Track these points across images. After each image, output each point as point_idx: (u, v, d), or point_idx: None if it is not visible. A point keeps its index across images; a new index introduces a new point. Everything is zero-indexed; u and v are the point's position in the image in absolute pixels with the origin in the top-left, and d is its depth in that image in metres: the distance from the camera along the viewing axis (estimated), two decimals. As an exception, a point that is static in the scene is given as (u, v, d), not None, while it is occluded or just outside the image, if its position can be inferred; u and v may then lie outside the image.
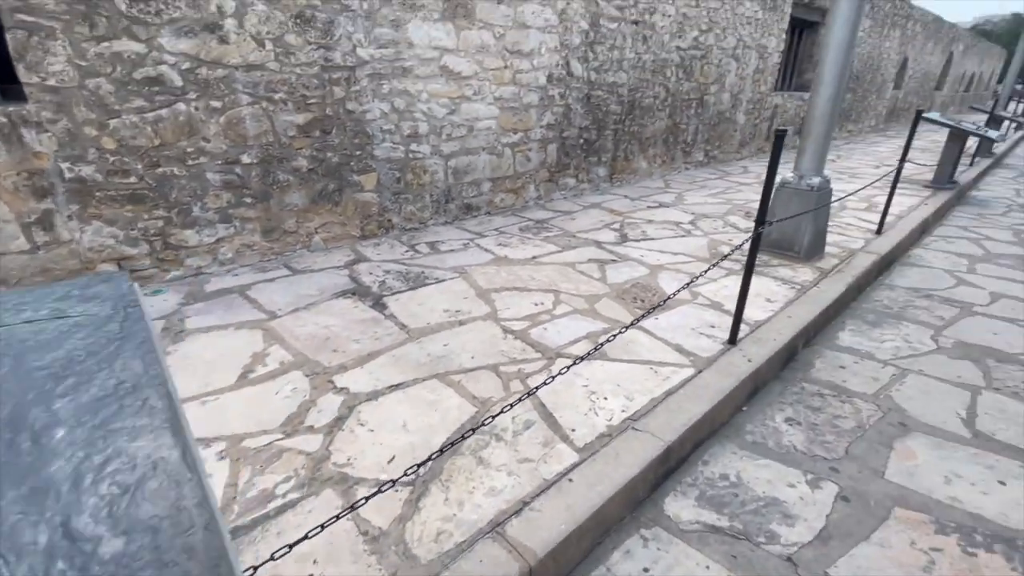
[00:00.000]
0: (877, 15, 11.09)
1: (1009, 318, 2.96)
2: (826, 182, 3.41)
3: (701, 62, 6.54)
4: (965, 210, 5.66)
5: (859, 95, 11.89)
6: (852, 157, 8.73)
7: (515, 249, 3.67)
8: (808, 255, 3.47)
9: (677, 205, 5.12)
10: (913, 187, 6.11)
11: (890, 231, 4.28)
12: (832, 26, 3.12)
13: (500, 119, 4.43)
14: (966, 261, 3.96)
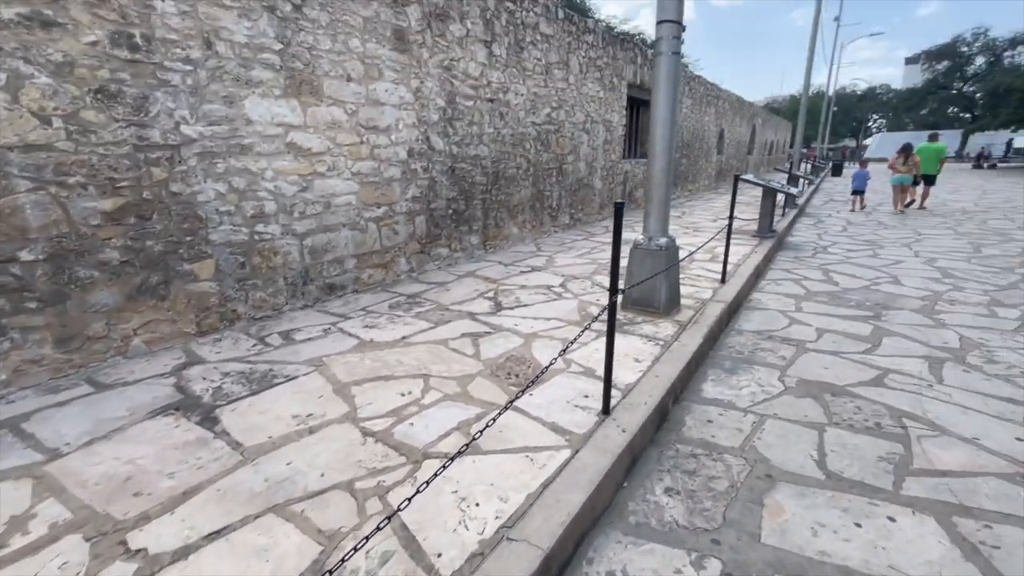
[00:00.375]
0: (695, 95, 13.17)
1: (833, 351, 3.34)
2: (672, 241, 3.70)
3: (556, 135, 7.08)
4: (785, 254, 6.60)
5: (692, 160, 13.80)
6: (694, 213, 9.93)
7: (383, 330, 3.40)
8: (667, 309, 3.67)
9: (548, 268, 5.26)
10: (744, 237, 7.02)
11: (732, 279, 4.77)
12: (656, 107, 3.49)
13: (361, 194, 4.25)
14: (793, 301, 4.51)
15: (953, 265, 5.74)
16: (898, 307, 4.27)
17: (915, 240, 7.42)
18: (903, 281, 5.09)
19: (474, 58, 5.29)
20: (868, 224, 9.17)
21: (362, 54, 4.07)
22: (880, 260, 6.11)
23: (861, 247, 6.97)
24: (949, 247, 6.83)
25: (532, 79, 6.32)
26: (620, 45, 8.57)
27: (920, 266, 5.74)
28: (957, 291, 4.70)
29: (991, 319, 3.91)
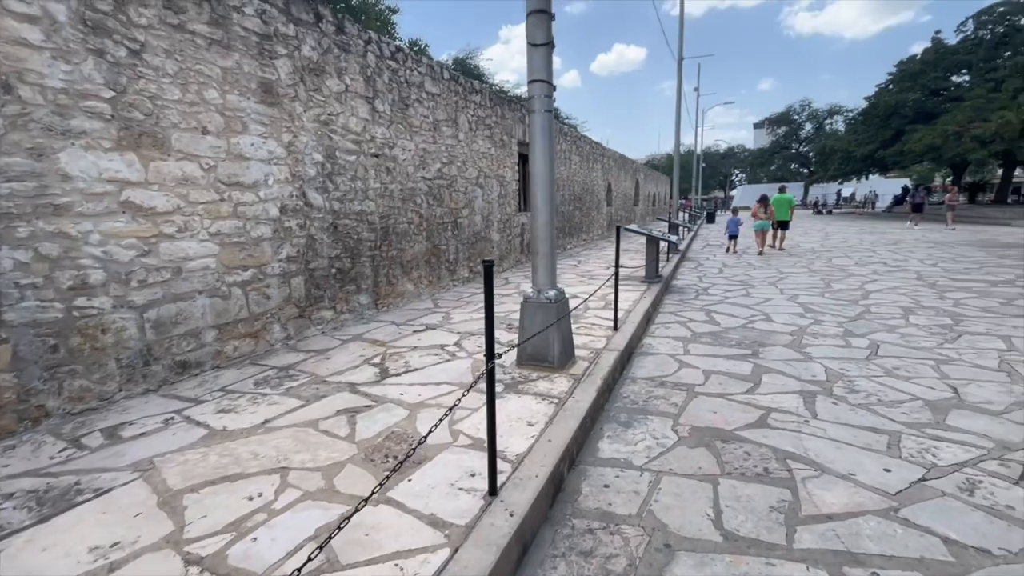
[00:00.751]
0: (583, 153, 14.11)
1: (720, 393, 3.41)
2: (561, 293, 3.65)
3: (449, 190, 7.04)
4: (671, 297, 6.97)
5: (585, 212, 14.59)
6: (589, 261, 10.34)
7: (241, 414, 2.89)
8: (561, 363, 3.57)
9: (444, 325, 5.01)
10: (634, 283, 7.34)
11: (624, 325, 4.85)
12: (534, 163, 3.51)
13: (222, 256, 3.77)
14: (681, 344, 4.66)
15: (812, 300, 6.39)
16: (772, 343, 4.57)
17: (779, 279, 8.26)
18: (773, 318, 5.52)
19: (355, 113, 5.12)
20: (740, 266, 10.13)
21: (222, 106, 3.71)
22: (752, 299, 6.65)
23: (736, 287, 7.59)
24: (806, 284, 7.66)
25: (420, 135, 6.28)
26: (508, 106, 8.95)
27: (786, 303, 6.32)
28: (817, 324, 5.17)
29: (847, 349, 4.29)
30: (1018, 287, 6.75)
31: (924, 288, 6.92)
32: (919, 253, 11.05)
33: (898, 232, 17.68)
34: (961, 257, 10.09)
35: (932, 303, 5.94)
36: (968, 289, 6.71)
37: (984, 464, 2.38)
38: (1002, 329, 4.69)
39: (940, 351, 4.12)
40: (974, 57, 26.84)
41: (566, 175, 12.64)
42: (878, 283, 7.46)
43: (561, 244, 12.41)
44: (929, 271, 8.44)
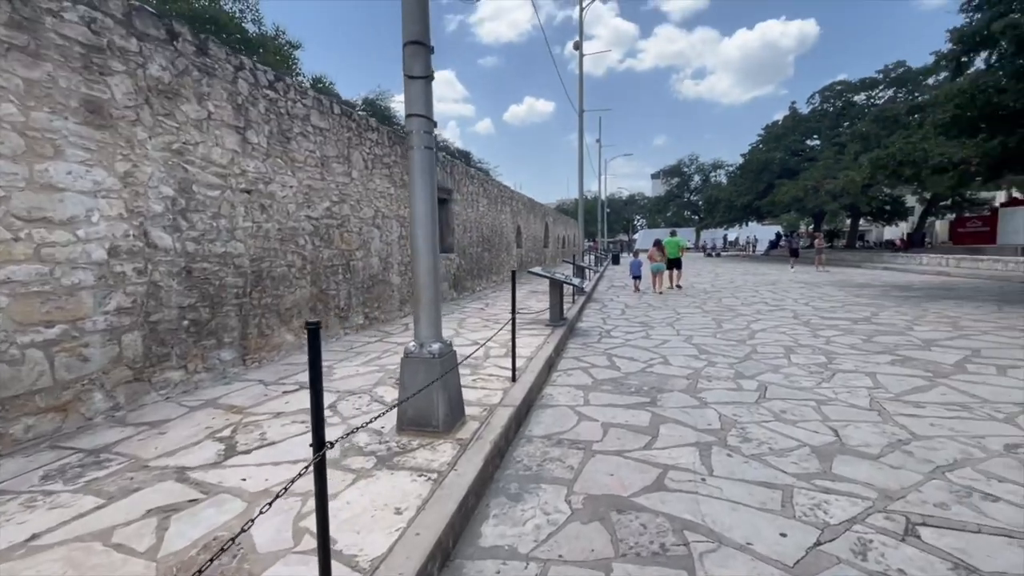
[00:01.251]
0: (491, 195, 14.17)
1: (618, 450, 3.18)
2: (447, 346, 3.28)
3: (340, 230, 6.51)
4: (576, 341, 6.88)
5: (494, 253, 14.53)
6: (496, 304, 10.12)
7: (1, 528, 2.13)
8: (447, 426, 3.16)
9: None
10: (538, 327, 7.18)
11: (524, 375, 4.56)
12: (414, 203, 3.20)
13: (12, 310, 2.96)
14: (582, 393, 4.46)
15: (705, 341, 6.59)
16: (669, 388, 4.50)
17: (676, 319, 8.55)
18: (671, 360, 5.55)
19: (221, 143, 4.53)
20: (641, 306, 10.45)
21: (23, 124, 3.01)
22: (652, 340, 6.73)
23: (637, 329, 7.70)
24: (700, 324, 7.98)
25: (304, 171, 5.76)
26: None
27: (682, 344, 6.45)
28: (711, 366, 5.25)
29: (738, 392, 4.32)
30: (874, 324, 7.50)
31: (800, 327, 7.45)
32: (793, 293, 12.18)
33: (775, 273, 19.63)
34: (827, 297, 11.23)
35: (808, 341, 6.35)
36: (835, 327, 7.32)
37: (872, 519, 2.31)
38: (867, 366, 5.03)
39: (819, 391, 4.27)
40: (822, 125, 31.59)
41: (474, 217, 12.54)
42: (762, 322, 7.96)
43: (470, 286, 12.14)
44: (802, 310, 9.21)
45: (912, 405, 3.83)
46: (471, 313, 8.82)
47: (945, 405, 3.82)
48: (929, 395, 4.07)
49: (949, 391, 4.16)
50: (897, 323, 7.50)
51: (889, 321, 7.69)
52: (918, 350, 5.67)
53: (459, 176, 11.35)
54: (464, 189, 11.73)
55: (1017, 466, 2.78)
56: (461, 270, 11.49)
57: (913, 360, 5.20)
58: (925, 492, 2.53)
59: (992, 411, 3.66)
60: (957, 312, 8.45)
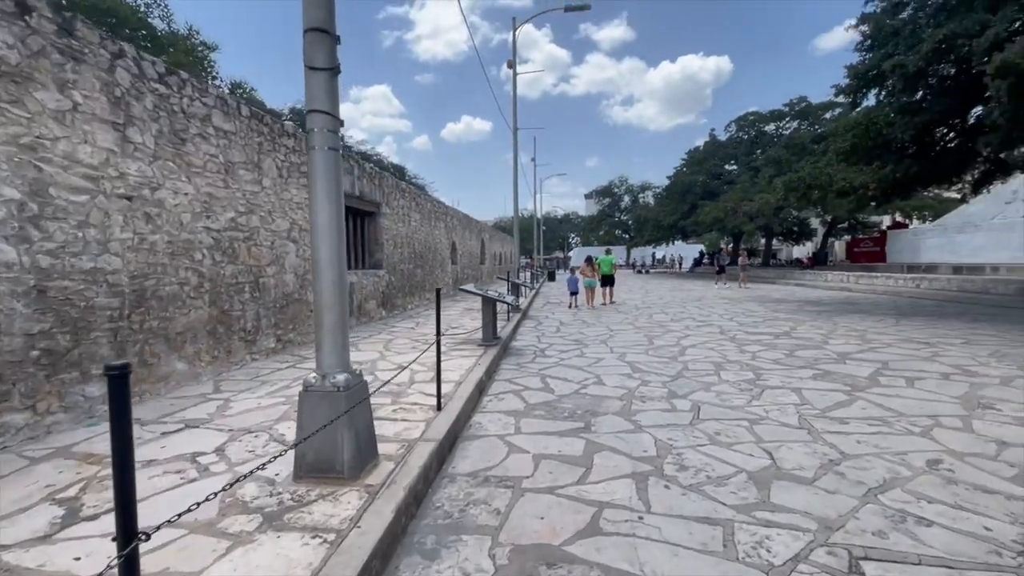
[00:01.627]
0: (424, 210, 13.73)
1: (549, 487, 2.89)
2: (355, 376, 2.86)
3: (248, 244, 5.85)
4: (509, 361, 6.58)
5: (428, 270, 14.05)
6: (429, 323, 9.65)
7: None
8: (355, 471, 2.72)
9: (214, 420, 3.79)
10: (470, 347, 6.82)
11: (451, 403, 4.18)
12: (316, 211, 2.78)
13: None
14: (513, 420, 4.15)
15: (638, 359, 6.52)
16: (604, 411, 4.30)
17: (609, 336, 8.51)
18: (605, 380, 5.38)
19: (91, 140, 3.86)
20: (575, 323, 10.39)
21: None
22: (586, 359, 6.58)
23: (571, 347, 7.55)
24: (633, 341, 7.97)
25: (204, 177, 5.12)
26: (332, 154, 8.13)
27: (615, 362, 6.34)
28: (644, 386, 5.14)
29: (673, 414, 4.20)
30: (793, 338, 7.83)
31: (727, 342, 7.62)
32: (718, 309, 12.66)
33: (700, 289, 20.55)
34: (749, 312, 11.75)
35: (735, 357, 6.46)
36: (759, 342, 7.56)
37: (815, 555, 2.15)
38: (792, 381, 5.12)
39: (751, 409, 4.24)
40: (738, 151, 34.02)
41: (405, 232, 12.04)
42: (691, 338, 8.08)
43: (401, 304, 11.57)
44: (728, 325, 9.52)
45: (837, 422, 3.86)
46: (400, 333, 8.30)
47: (867, 420, 3.88)
48: (851, 410, 4.14)
49: (868, 405, 4.26)
50: (814, 337, 7.87)
51: (807, 335, 8.07)
52: (835, 363, 5.89)
53: (389, 189, 10.86)
54: (394, 203, 11.23)
55: (941, 484, 2.78)
56: (391, 287, 10.92)
57: (832, 374, 5.37)
58: (863, 519, 2.43)
59: (909, 425, 3.75)
60: (863, 325, 9.05)
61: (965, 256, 19.80)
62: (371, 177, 9.80)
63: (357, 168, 9.13)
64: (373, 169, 9.98)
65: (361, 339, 7.61)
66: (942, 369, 5.49)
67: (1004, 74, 6.71)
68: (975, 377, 5.10)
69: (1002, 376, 5.11)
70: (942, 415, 3.95)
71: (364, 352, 6.59)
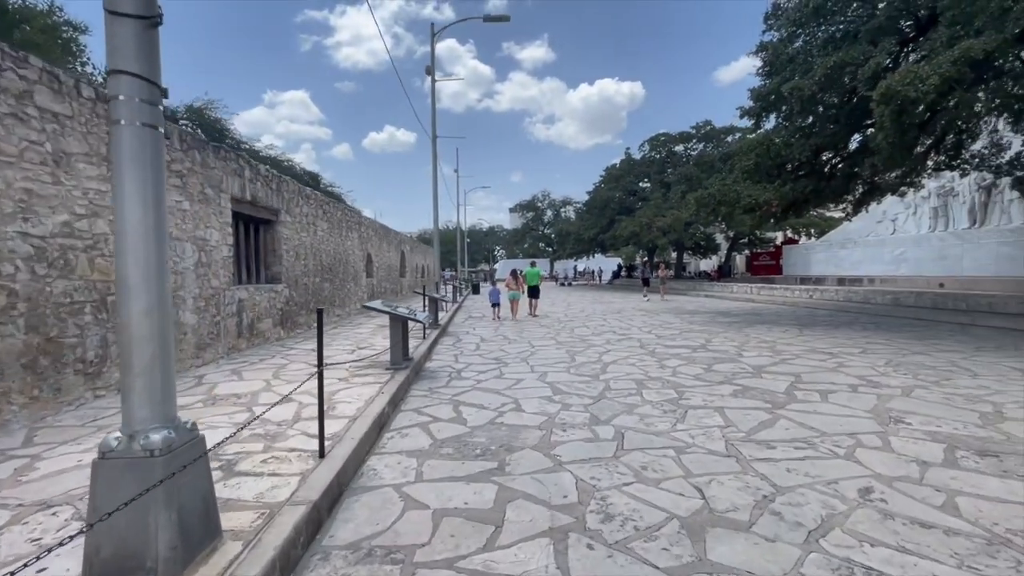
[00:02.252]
0: (332, 219, 12.68)
1: (449, 558, 2.31)
2: (185, 431, 2.12)
3: (90, 254, 4.76)
4: (421, 386, 5.93)
5: (338, 284, 12.96)
6: (336, 341, 8.71)
7: None
8: (175, 565, 1.97)
9: (2, 489, 2.81)
10: (377, 371, 6.08)
11: (339, 447, 3.48)
12: (123, 207, 2.02)
13: None
14: (415, 462, 3.53)
15: (559, 378, 6.14)
16: (520, 445, 3.81)
17: (531, 353, 8.10)
18: (524, 406, 4.91)
19: None
20: (496, 339, 9.91)
21: None
22: (505, 380, 6.08)
23: (491, 366, 7.03)
24: (554, 358, 7.61)
25: (19, 169, 4.03)
26: (214, 152, 7.08)
27: (536, 383, 5.90)
28: (566, 410, 4.72)
29: (595, 444, 3.79)
30: (710, 351, 7.87)
31: (647, 356, 7.49)
32: (637, 321, 12.78)
33: (620, 302, 21.01)
34: (666, 324, 11.94)
35: (656, 373, 6.27)
36: (678, 355, 7.50)
37: (766, 638, 1.76)
38: (714, 399, 4.95)
39: (676, 435, 3.94)
40: (651, 169, 35.80)
41: (310, 243, 10.97)
42: (612, 353, 7.88)
43: (305, 322, 10.46)
44: (647, 338, 9.50)
45: (764, 446, 3.64)
46: (298, 356, 7.33)
47: (792, 443, 3.70)
48: (775, 431, 3.97)
49: (791, 424, 4.13)
50: (728, 349, 7.97)
51: (722, 348, 8.17)
52: (752, 378, 5.86)
53: (290, 195, 9.80)
54: (297, 210, 10.17)
55: (879, 520, 2.55)
56: (292, 304, 9.81)
57: (751, 390, 5.29)
58: (808, 573, 2.11)
59: (833, 446, 3.61)
60: (771, 336, 9.40)
61: (847, 269, 21.94)
62: (267, 180, 8.74)
63: (249, 169, 8.07)
64: (270, 172, 8.92)
65: (248, 365, 6.58)
66: (849, 380, 5.62)
67: (887, 100, 7.32)
68: (879, 388, 5.23)
69: (902, 386, 5.29)
70: (861, 432, 3.87)
71: (247, 382, 5.62)
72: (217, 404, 4.72)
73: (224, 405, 4.65)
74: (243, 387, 5.36)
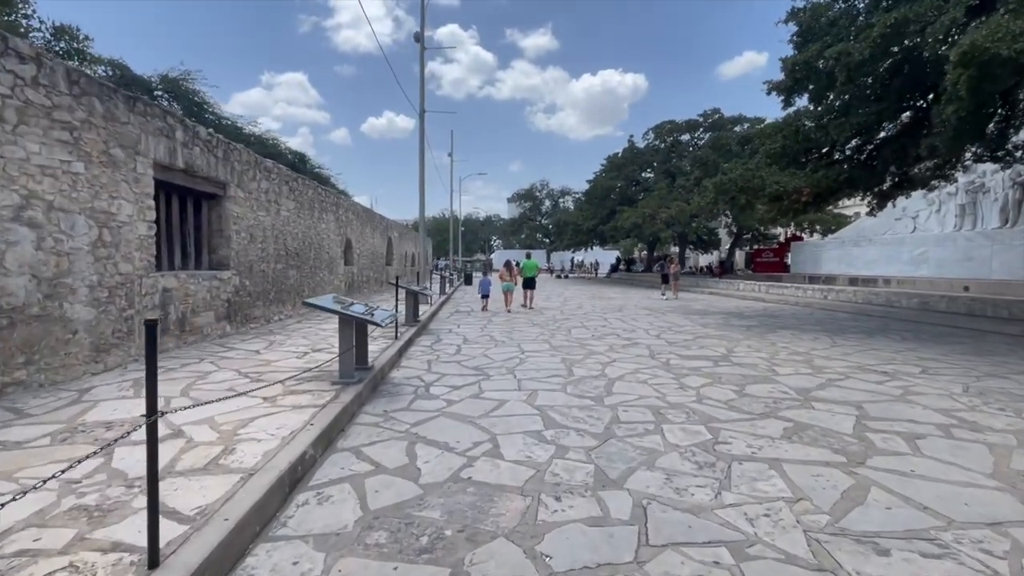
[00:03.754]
0: (302, 198, 11.24)
1: None
2: None
3: None
4: (374, 407, 4.60)
5: (308, 272, 11.57)
6: (287, 343, 7.34)
7: None
8: None
9: None
10: (321, 386, 4.75)
11: (195, 539, 2.15)
12: None
13: None
14: (322, 562, 2.20)
15: (553, 401, 4.82)
16: (490, 528, 2.49)
17: (519, 362, 6.77)
18: (503, 449, 3.58)
19: None
20: (481, 340, 8.58)
21: None
22: (483, 403, 4.76)
23: (468, 379, 5.71)
24: (548, 369, 6.29)
25: None
26: (127, 103, 5.64)
27: (523, 408, 4.58)
28: (560, 458, 3.41)
29: (603, 531, 2.47)
30: (735, 364, 6.57)
31: (661, 371, 6.18)
32: (642, 322, 11.44)
33: (620, 298, 19.72)
34: (675, 327, 10.62)
35: (677, 397, 4.96)
36: (698, 371, 6.19)
37: None
38: (763, 446, 3.64)
39: (725, 516, 2.62)
40: (655, 159, 34.35)
41: (271, 223, 9.56)
42: (618, 365, 6.56)
43: (262, 315, 9.09)
44: (657, 345, 8.18)
45: (870, 547, 2.33)
46: (233, 360, 5.97)
47: (909, 540, 2.39)
48: (873, 514, 2.65)
49: (891, 499, 2.82)
50: (756, 363, 6.67)
51: (747, 360, 6.86)
52: (802, 408, 4.55)
53: (243, 166, 8.36)
54: (252, 184, 8.73)
55: None
56: (244, 294, 8.42)
57: (808, 429, 3.98)
58: None
59: (981, 552, 2.30)
60: (801, 346, 8.10)
61: (860, 268, 20.68)
62: (209, 146, 7.30)
63: (183, 130, 6.63)
64: (213, 136, 7.48)
65: (162, 373, 5.23)
66: (932, 417, 4.31)
67: (968, 62, 5.96)
68: (983, 433, 3.92)
69: (1013, 430, 3.98)
70: (1007, 521, 2.57)
71: (128, 401, 4.27)
72: (74, 438, 3.37)
73: (80, 442, 3.30)
74: (132, 407, 4.01)
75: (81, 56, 16.36)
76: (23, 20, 14.02)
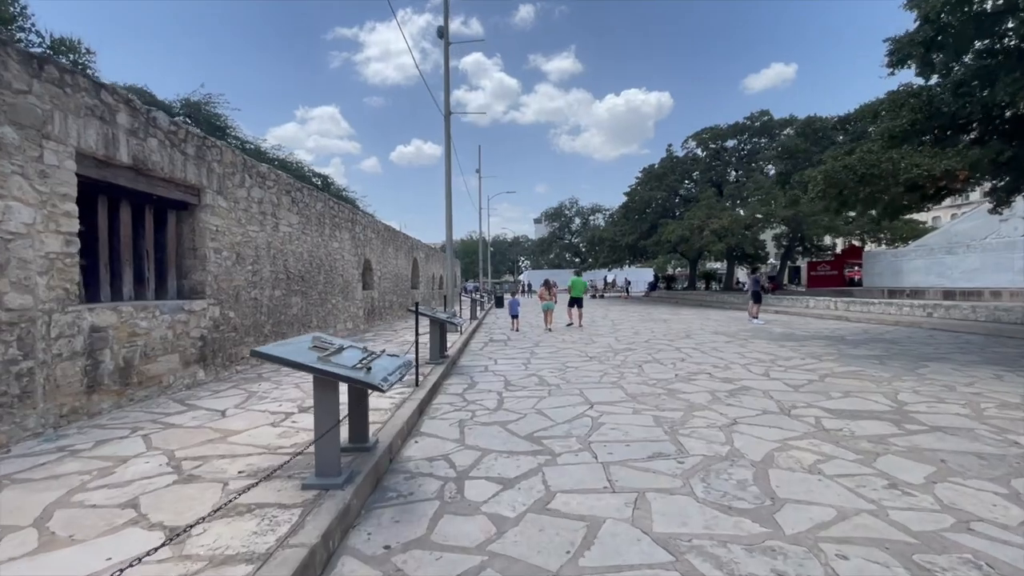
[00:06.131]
0: (308, 211, 9.56)
1: None
2: None
3: None
4: (370, 534, 2.59)
5: (316, 298, 9.80)
6: (269, 396, 5.45)
7: None
8: None
9: None
10: (284, 495, 2.78)
11: None
12: None
13: None
14: None
15: (684, 522, 2.70)
16: None
17: (592, 425, 4.68)
18: None
19: None
20: (530, 384, 6.51)
21: None
22: (558, 527, 2.68)
23: (523, 461, 3.66)
24: (641, 441, 4.17)
25: None
26: (36, 68, 3.96)
27: (632, 548, 2.48)
28: None
29: None
30: (932, 428, 4.31)
31: (827, 445, 3.98)
32: (727, 353, 9.13)
33: (675, 320, 17.35)
34: (778, 359, 8.27)
35: (906, 514, 2.77)
36: (884, 441, 3.96)
37: None
38: None
39: None
40: (697, 167, 32.00)
41: (267, 241, 7.84)
42: (745, 432, 4.38)
43: (248, 355, 7.28)
44: (776, 390, 5.92)
45: None
46: (183, 428, 4.08)
47: None
48: None
49: None
50: (970, 426, 4.37)
51: (944, 420, 4.57)
52: None
53: (224, 168, 6.67)
54: (239, 192, 7.03)
55: None
56: (227, 328, 6.65)
57: None
58: None
59: None
60: (966, 388, 5.72)
61: (958, 280, 17.76)
62: (174, 139, 5.62)
63: (127, 111, 4.93)
64: (180, 127, 5.79)
65: (59, 457, 3.38)
66: None
67: None
68: None
69: None
70: None
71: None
72: None
73: None
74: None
75: (71, 52, 15.47)
76: (18, 32, 13.14)
